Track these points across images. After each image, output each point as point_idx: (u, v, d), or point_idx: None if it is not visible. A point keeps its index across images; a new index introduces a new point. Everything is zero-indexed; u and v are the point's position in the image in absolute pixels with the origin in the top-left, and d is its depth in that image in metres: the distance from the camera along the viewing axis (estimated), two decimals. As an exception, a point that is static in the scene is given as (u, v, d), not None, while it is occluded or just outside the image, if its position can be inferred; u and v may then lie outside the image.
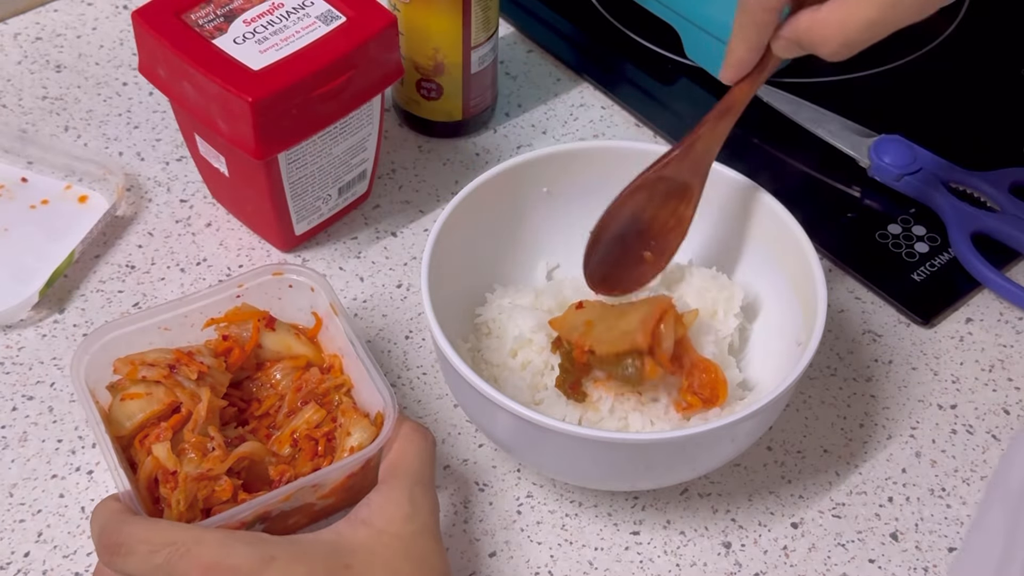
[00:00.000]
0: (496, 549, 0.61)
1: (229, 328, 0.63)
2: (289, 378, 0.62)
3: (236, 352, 0.62)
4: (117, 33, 0.89)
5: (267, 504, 0.55)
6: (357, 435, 0.58)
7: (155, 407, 0.58)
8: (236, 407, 0.62)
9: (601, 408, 0.60)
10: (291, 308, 0.64)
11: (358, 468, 0.57)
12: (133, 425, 0.58)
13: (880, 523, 0.63)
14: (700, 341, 0.62)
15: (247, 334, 0.62)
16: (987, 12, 0.91)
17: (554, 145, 0.68)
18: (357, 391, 0.62)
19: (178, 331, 0.62)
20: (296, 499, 0.57)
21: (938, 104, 0.84)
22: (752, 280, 0.66)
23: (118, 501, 0.54)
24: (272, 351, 0.63)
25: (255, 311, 0.63)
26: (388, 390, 0.58)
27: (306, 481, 0.56)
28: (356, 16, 0.68)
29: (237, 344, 0.62)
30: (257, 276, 0.63)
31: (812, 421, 0.67)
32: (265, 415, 0.62)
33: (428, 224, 0.76)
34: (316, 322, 0.64)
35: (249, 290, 0.63)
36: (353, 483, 0.58)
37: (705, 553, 0.61)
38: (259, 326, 0.63)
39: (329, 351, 0.64)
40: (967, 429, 0.67)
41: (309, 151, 0.68)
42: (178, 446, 0.57)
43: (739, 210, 0.66)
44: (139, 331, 0.61)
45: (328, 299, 0.62)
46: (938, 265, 0.74)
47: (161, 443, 0.57)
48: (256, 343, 0.62)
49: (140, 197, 0.77)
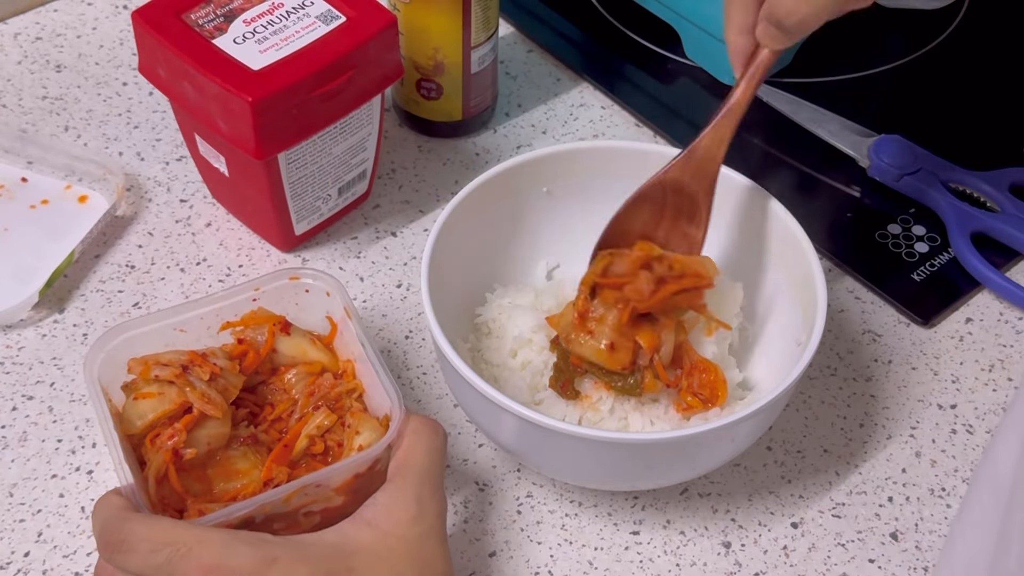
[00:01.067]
0: (496, 549, 0.61)
1: (245, 332, 0.62)
2: (303, 383, 0.62)
3: (251, 356, 0.61)
4: (117, 33, 0.89)
5: (269, 501, 0.55)
6: (365, 435, 0.58)
7: (167, 407, 0.58)
8: (249, 411, 0.62)
9: (601, 408, 0.60)
10: (307, 313, 0.64)
11: (365, 468, 0.57)
12: (144, 424, 0.58)
13: (880, 523, 0.63)
14: (701, 341, 0.62)
15: (262, 338, 0.62)
16: (987, 12, 0.91)
17: (554, 145, 0.68)
18: (368, 395, 0.61)
19: (194, 333, 0.62)
20: (303, 495, 0.57)
21: (938, 104, 0.84)
22: (752, 280, 0.66)
23: (120, 496, 0.53)
24: (287, 356, 0.63)
25: (271, 315, 0.63)
26: (395, 389, 0.57)
27: (310, 479, 0.55)
28: (356, 16, 0.68)
29: (252, 348, 0.62)
30: (274, 280, 0.63)
31: (812, 421, 0.67)
32: (278, 419, 0.61)
33: (428, 224, 0.76)
34: (332, 328, 0.64)
35: (266, 294, 0.63)
36: (360, 484, 0.58)
37: (705, 553, 0.61)
38: (274, 331, 0.62)
39: (343, 356, 0.63)
40: (967, 429, 0.67)
41: (309, 151, 0.69)
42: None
43: (739, 210, 0.66)
44: (155, 331, 0.61)
45: (343, 303, 0.62)
46: (938, 265, 0.74)
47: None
48: (271, 348, 0.62)
49: (140, 197, 0.77)
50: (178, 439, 0.57)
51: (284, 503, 0.56)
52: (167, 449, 0.57)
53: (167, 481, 0.57)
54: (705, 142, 0.61)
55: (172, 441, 0.57)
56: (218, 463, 0.58)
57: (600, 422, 0.60)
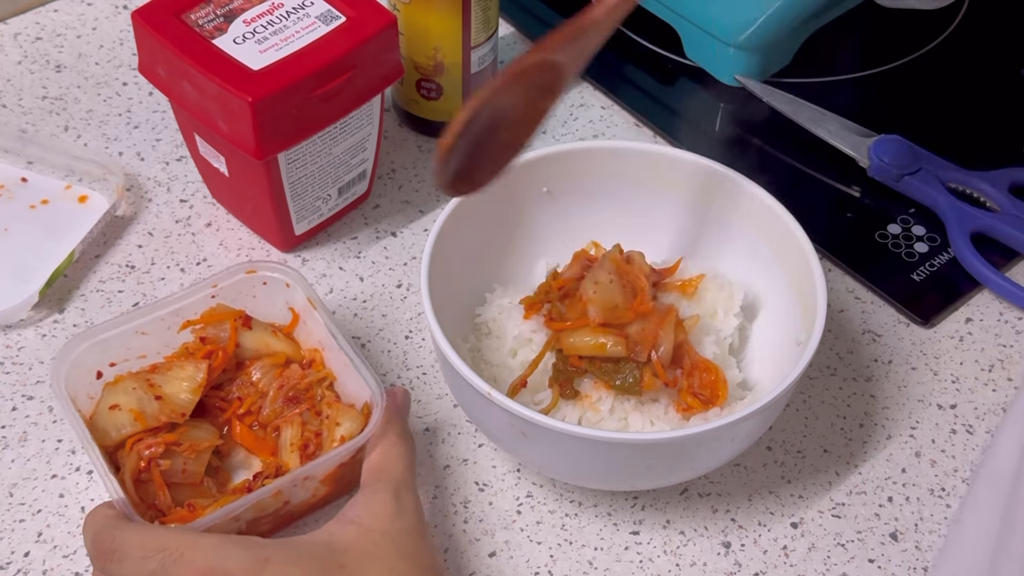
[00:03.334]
0: (496, 549, 0.61)
1: (206, 330, 0.63)
2: (269, 375, 0.63)
3: (220, 356, 0.62)
4: (117, 33, 0.89)
5: (259, 500, 0.55)
6: (347, 425, 0.59)
7: (147, 423, 0.59)
8: (219, 408, 0.62)
9: (601, 408, 0.60)
10: (266, 305, 0.65)
11: (348, 457, 0.58)
12: (120, 436, 0.59)
13: (880, 523, 0.63)
14: (701, 341, 0.62)
15: (225, 335, 0.63)
16: (987, 12, 0.91)
17: (554, 145, 0.68)
18: (341, 383, 0.62)
19: (155, 335, 0.62)
20: (293, 487, 0.57)
21: (938, 104, 0.84)
22: (752, 280, 0.66)
23: (112, 508, 0.54)
24: (251, 350, 0.63)
25: (231, 311, 0.63)
26: (374, 378, 0.58)
27: (298, 473, 0.56)
28: (356, 16, 0.68)
29: (217, 346, 0.62)
30: (231, 275, 0.63)
31: (812, 421, 0.67)
32: (247, 413, 0.62)
33: (428, 224, 0.76)
34: (292, 318, 0.64)
35: (223, 290, 0.63)
36: (344, 472, 0.59)
37: (705, 553, 0.61)
38: (236, 326, 0.63)
39: (308, 346, 0.64)
40: (967, 429, 0.67)
41: (309, 151, 0.69)
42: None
43: (739, 210, 0.66)
44: (117, 336, 0.61)
45: (305, 294, 0.63)
46: (938, 265, 0.74)
47: None
48: (235, 343, 0.63)
49: (140, 197, 0.77)
50: (155, 451, 0.58)
51: (273, 497, 0.56)
52: (144, 458, 0.58)
53: (150, 484, 0.58)
54: (597, 15, 0.55)
55: (150, 451, 0.58)
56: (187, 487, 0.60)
57: (600, 422, 0.60)
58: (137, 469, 0.58)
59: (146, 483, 0.58)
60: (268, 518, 0.58)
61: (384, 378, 0.68)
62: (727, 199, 0.66)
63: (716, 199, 0.66)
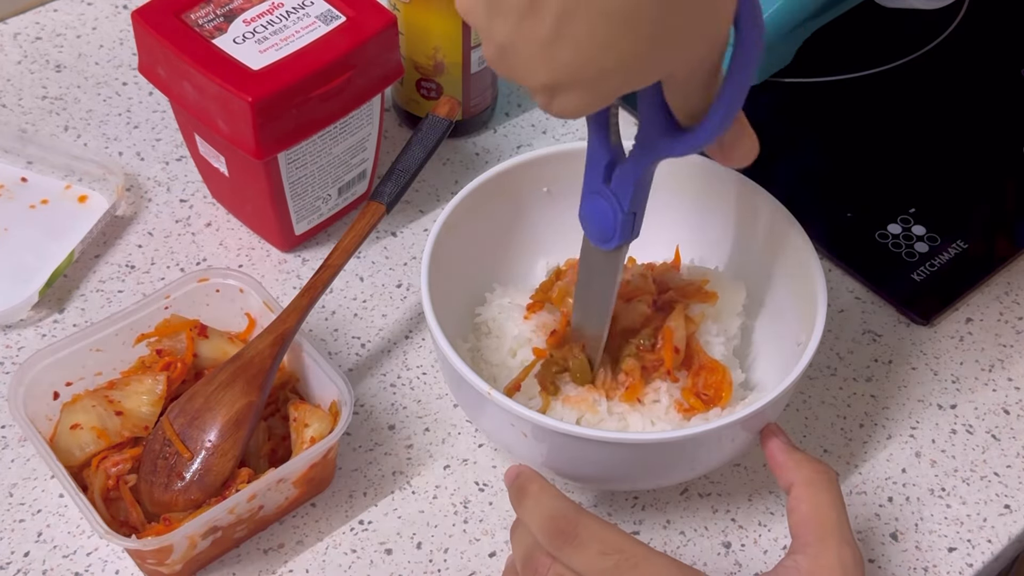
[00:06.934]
0: (496, 549, 0.61)
1: (162, 342, 0.63)
2: None
3: (179, 368, 0.62)
4: (117, 33, 0.89)
5: (234, 505, 0.56)
6: (315, 426, 0.59)
7: (110, 440, 0.59)
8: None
9: (600, 408, 0.60)
10: (221, 313, 0.64)
11: (320, 458, 0.58)
12: (84, 456, 0.59)
13: (880, 523, 0.63)
14: (709, 342, 0.62)
15: (181, 346, 0.62)
16: (987, 12, 0.91)
17: (554, 145, 0.68)
18: (306, 384, 0.63)
19: (110, 351, 0.62)
20: (261, 499, 0.58)
21: (938, 104, 0.84)
22: (752, 280, 0.66)
23: (542, 478, 0.52)
24: (208, 359, 0.63)
25: (185, 321, 0.63)
26: (340, 375, 0.59)
27: (272, 476, 0.56)
28: (356, 16, 0.68)
29: (175, 358, 0.62)
30: (183, 285, 0.63)
31: (812, 421, 0.67)
32: None
33: (428, 224, 0.76)
34: (248, 323, 0.64)
35: (177, 300, 0.63)
36: (315, 474, 0.59)
37: (705, 553, 0.61)
38: (192, 335, 0.63)
39: None
40: (967, 429, 0.67)
41: (309, 151, 0.69)
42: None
43: (739, 210, 0.66)
44: (72, 355, 0.61)
45: (260, 297, 0.63)
46: (938, 265, 0.74)
47: None
48: (193, 353, 0.63)
49: (140, 197, 0.77)
50: (123, 467, 0.58)
51: (248, 501, 0.57)
52: (112, 475, 0.58)
53: (120, 502, 0.58)
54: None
55: (117, 468, 0.58)
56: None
57: (600, 422, 0.60)
58: (106, 487, 0.58)
59: (116, 500, 0.58)
60: (243, 524, 0.58)
61: (384, 378, 0.68)
62: (727, 199, 0.66)
63: (716, 199, 0.66)
